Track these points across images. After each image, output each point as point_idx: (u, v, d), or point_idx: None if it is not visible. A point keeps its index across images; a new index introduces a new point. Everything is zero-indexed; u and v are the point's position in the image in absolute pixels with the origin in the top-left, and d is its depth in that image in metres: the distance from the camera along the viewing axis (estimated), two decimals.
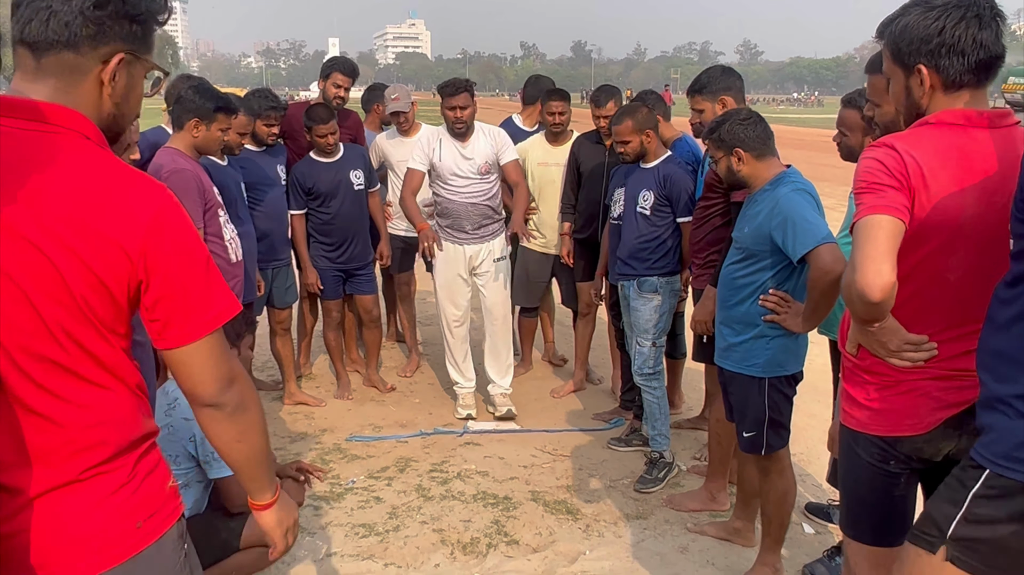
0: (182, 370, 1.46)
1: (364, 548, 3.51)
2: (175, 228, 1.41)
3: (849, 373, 2.19)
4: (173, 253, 1.40)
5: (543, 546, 3.56)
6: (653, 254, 4.10)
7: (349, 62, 5.47)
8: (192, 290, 1.42)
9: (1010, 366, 1.58)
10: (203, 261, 1.45)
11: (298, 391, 5.17)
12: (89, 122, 1.40)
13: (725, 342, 3.21)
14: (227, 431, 1.53)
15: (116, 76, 1.42)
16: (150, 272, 1.38)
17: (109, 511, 1.42)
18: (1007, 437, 1.57)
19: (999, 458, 1.57)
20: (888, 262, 1.80)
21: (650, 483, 4.08)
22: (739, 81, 3.83)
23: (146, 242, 1.37)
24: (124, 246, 1.35)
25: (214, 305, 1.46)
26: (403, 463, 4.35)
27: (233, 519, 2.88)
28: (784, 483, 3.20)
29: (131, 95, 1.48)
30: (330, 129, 4.84)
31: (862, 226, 1.85)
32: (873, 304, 1.80)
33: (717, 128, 3.18)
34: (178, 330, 1.43)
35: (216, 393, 1.48)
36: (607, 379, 5.54)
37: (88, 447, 1.39)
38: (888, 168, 1.87)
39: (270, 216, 4.71)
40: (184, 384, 1.48)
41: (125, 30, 1.41)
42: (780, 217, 2.93)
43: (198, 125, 3.58)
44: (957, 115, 1.90)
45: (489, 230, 4.87)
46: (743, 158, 3.10)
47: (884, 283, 1.78)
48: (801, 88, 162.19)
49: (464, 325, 5.02)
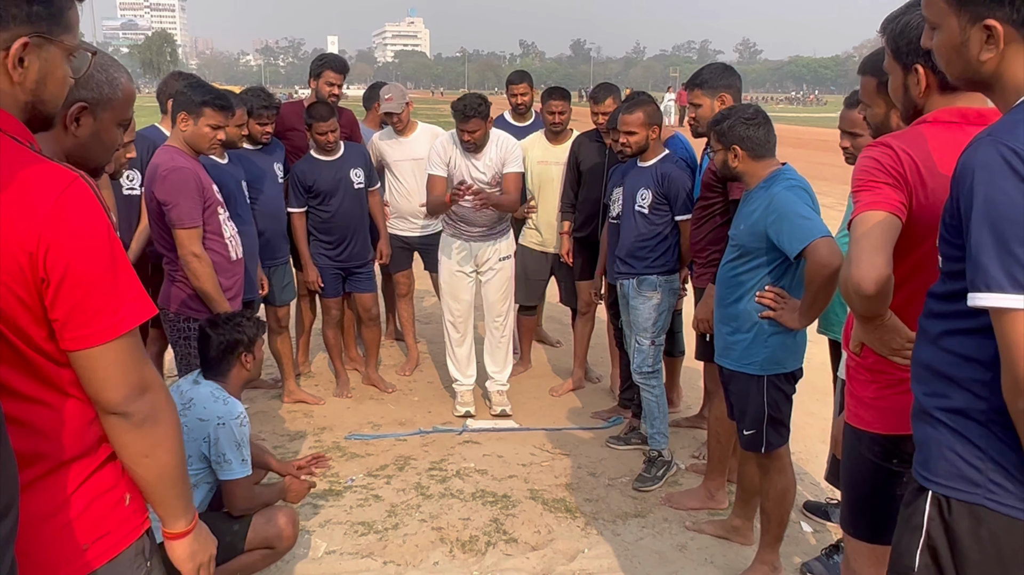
0: (85, 374, 1.35)
1: (363, 546, 3.52)
2: (77, 219, 1.30)
3: (853, 372, 2.20)
4: (74, 246, 1.29)
5: (542, 544, 3.57)
6: (652, 252, 4.11)
7: (338, 59, 5.46)
8: (97, 288, 1.32)
9: (940, 381, 1.57)
10: (108, 256, 1.34)
11: (297, 389, 5.17)
12: (2, 111, 1.32)
13: (724, 340, 3.22)
14: (133, 443, 1.42)
15: (25, 61, 1.31)
16: (49, 267, 1.28)
17: (52, 531, 1.35)
18: (941, 454, 1.55)
19: (939, 478, 1.55)
20: (883, 256, 1.81)
21: (649, 481, 4.09)
22: (739, 80, 3.86)
23: (44, 234, 1.27)
24: (23, 243, 1.26)
25: (123, 306, 1.35)
26: (402, 461, 4.36)
27: (237, 521, 2.89)
28: (784, 481, 3.21)
29: (50, 79, 1.37)
30: (330, 127, 4.84)
31: (858, 222, 1.87)
32: (868, 298, 1.81)
33: (721, 121, 3.19)
34: (80, 332, 1.32)
35: (122, 401, 1.38)
36: (606, 378, 5.55)
37: (22, 460, 1.28)
38: (885, 166, 1.89)
39: (267, 215, 4.70)
40: (88, 389, 1.37)
41: (23, 11, 1.29)
42: (775, 215, 2.94)
43: (186, 119, 3.56)
44: (954, 114, 1.91)
45: (497, 230, 4.88)
46: (739, 156, 3.12)
47: (879, 276, 1.79)
48: (800, 87, 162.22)
49: (467, 321, 5.03)
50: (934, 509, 1.56)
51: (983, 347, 1.46)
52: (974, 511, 1.50)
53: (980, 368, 1.50)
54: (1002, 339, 1.40)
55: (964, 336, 1.53)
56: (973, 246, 1.41)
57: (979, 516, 1.50)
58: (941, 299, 1.59)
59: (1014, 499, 1.47)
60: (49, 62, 1.36)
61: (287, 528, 2.94)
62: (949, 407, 1.55)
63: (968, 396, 1.52)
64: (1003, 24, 1.48)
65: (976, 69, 1.54)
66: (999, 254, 1.37)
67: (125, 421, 1.40)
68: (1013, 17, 1.47)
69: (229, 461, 2.79)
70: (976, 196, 1.41)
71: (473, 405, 5.02)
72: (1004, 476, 1.47)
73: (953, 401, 1.54)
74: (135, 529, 1.48)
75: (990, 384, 1.46)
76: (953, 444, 1.54)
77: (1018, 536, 1.47)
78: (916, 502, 1.60)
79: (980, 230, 1.40)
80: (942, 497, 1.54)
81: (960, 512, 1.52)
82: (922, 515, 1.58)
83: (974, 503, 1.50)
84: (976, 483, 1.50)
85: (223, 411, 2.82)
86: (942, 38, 1.60)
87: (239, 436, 2.82)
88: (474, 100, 4.56)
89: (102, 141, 1.68)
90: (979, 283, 1.40)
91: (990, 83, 1.54)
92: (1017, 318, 1.37)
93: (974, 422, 1.51)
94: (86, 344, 1.33)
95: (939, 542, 1.55)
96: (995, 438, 1.48)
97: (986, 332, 1.43)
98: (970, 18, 1.52)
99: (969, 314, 1.44)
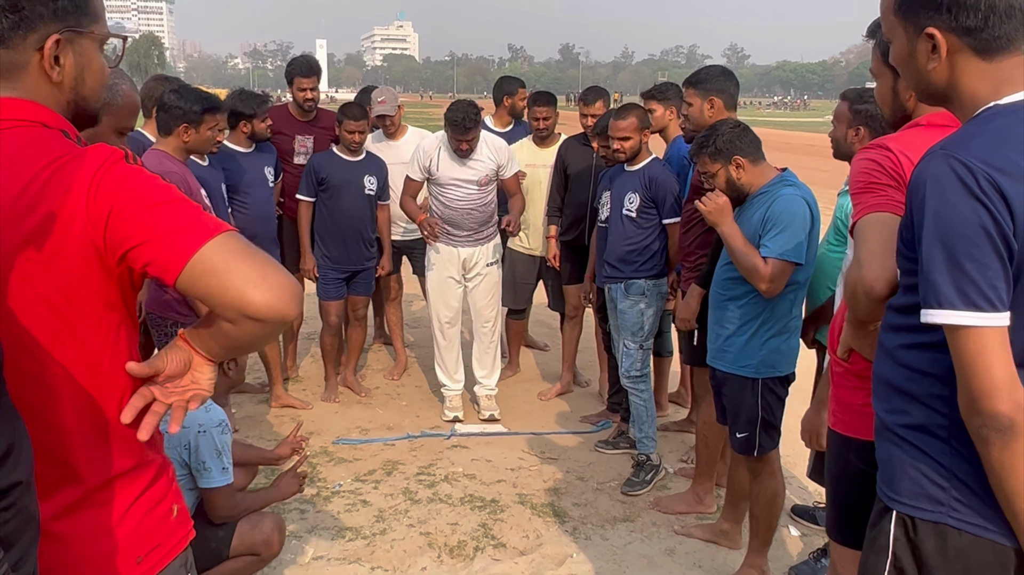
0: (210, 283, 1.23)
1: (350, 551, 3.50)
2: (120, 172, 1.26)
3: (840, 378, 2.20)
4: (124, 183, 1.25)
5: (530, 549, 3.56)
6: (640, 256, 4.11)
7: (305, 62, 5.35)
8: (166, 207, 1.26)
9: (899, 396, 1.56)
10: (164, 187, 1.30)
11: (285, 394, 5.15)
12: (46, 110, 1.30)
13: (718, 343, 3.23)
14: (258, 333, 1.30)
15: (60, 59, 1.30)
16: (100, 204, 1.23)
17: (109, 546, 1.34)
18: (904, 472, 1.54)
19: (903, 497, 1.54)
20: (893, 257, 1.80)
21: (637, 486, 4.09)
22: (734, 87, 3.79)
23: (92, 187, 1.23)
24: (77, 215, 1.22)
25: (205, 217, 1.29)
26: (390, 466, 4.34)
27: (222, 528, 2.86)
28: (774, 485, 3.22)
29: (87, 73, 1.35)
30: (360, 127, 4.94)
31: (863, 225, 1.85)
32: (879, 300, 1.79)
33: (711, 141, 3.16)
34: (169, 246, 1.23)
35: (260, 302, 1.24)
36: (594, 382, 5.54)
37: (81, 471, 1.30)
38: (884, 168, 1.88)
39: (256, 218, 4.68)
40: (223, 299, 1.24)
41: (50, 8, 1.27)
42: (773, 214, 2.99)
43: (187, 130, 3.58)
44: (946, 117, 1.91)
45: (484, 234, 4.88)
46: (743, 165, 3.11)
47: (890, 276, 1.77)
48: (787, 91, 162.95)
49: (456, 327, 5.02)
50: (899, 529, 1.54)
51: (939, 361, 1.45)
52: (939, 530, 1.49)
53: (938, 383, 1.48)
54: (955, 356, 1.40)
55: (921, 350, 1.51)
56: (924, 261, 1.41)
57: (944, 535, 1.48)
58: (898, 312, 1.58)
59: (978, 517, 1.45)
60: (84, 55, 1.34)
61: (273, 535, 2.92)
62: (910, 423, 1.53)
63: (928, 412, 1.51)
64: (944, 32, 1.47)
65: (928, 80, 1.54)
66: (949, 270, 1.37)
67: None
68: (952, 25, 1.46)
69: (209, 469, 2.77)
70: (927, 211, 1.40)
71: (461, 410, 5.01)
72: (967, 493, 1.46)
73: (913, 417, 1.53)
74: (181, 540, 1.47)
75: (949, 400, 1.44)
76: (916, 462, 1.52)
77: (985, 553, 1.46)
78: (881, 523, 1.58)
79: (931, 245, 1.39)
80: (907, 517, 1.53)
81: (925, 531, 1.50)
82: (887, 536, 1.55)
83: (939, 522, 1.49)
84: (940, 502, 1.48)
85: (204, 418, 2.80)
86: (895, 51, 1.60)
87: (220, 444, 2.80)
88: (471, 111, 4.56)
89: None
90: (931, 299, 1.40)
91: (947, 96, 1.53)
92: (968, 335, 1.37)
93: (935, 438, 1.50)
94: (186, 254, 1.22)
95: (906, 563, 1.53)
96: (957, 455, 1.47)
97: (942, 347, 1.42)
98: (915, 28, 1.52)
99: (925, 328, 1.43)
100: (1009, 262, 1.37)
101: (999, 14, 1.43)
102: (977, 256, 1.35)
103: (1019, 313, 1.39)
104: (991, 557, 1.46)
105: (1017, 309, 1.39)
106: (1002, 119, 1.43)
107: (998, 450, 1.37)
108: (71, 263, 1.25)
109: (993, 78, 1.47)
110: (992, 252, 1.35)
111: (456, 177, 4.66)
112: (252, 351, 1.48)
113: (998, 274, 1.36)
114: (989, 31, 1.44)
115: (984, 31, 1.44)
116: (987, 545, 1.46)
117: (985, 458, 1.40)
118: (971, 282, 1.36)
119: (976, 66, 1.47)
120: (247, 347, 1.39)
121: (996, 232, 1.35)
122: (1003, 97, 1.45)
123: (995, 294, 1.36)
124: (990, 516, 1.45)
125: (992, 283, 1.36)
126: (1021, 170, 1.36)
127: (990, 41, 1.45)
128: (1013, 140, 1.39)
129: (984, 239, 1.35)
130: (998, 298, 1.36)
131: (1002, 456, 1.37)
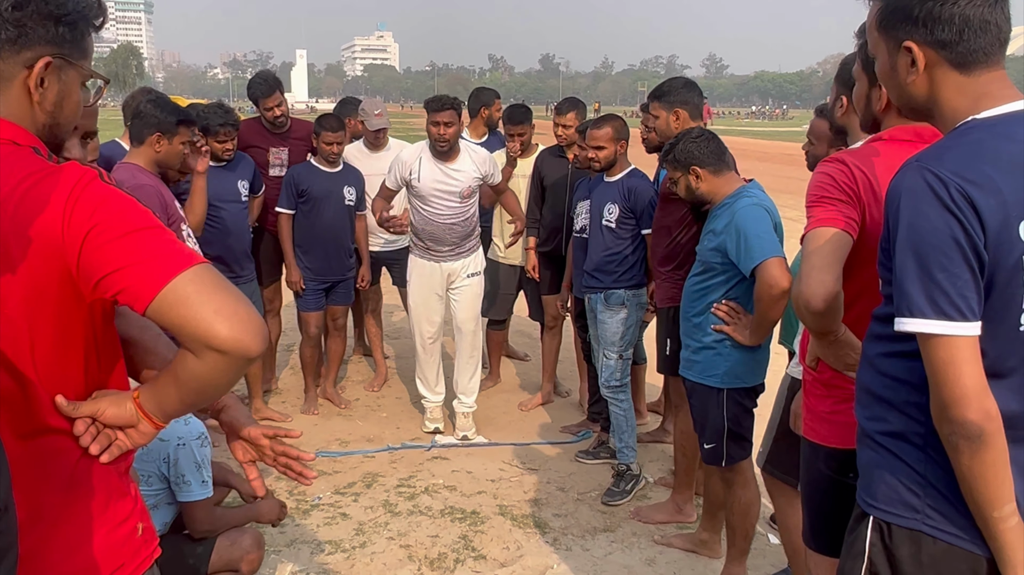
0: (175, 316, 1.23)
1: (330, 565, 3.48)
2: (95, 194, 1.25)
3: (810, 387, 2.22)
4: (99, 205, 1.24)
5: (511, 560, 3.55)
6: (619, 267, 4.13)
7: (263, 81, 5.14)
8: (141, 244, 1.24)
9: (878, 404, 1.58)
10: (139, 211, 1.27)
11: (264, 407, 5.11)
12: (20, 129, 1.31)
13: (688, 353, 3.25)
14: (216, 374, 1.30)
15: (45, 82, 1.32)
16: (76, 228, 1.23)
17: (77, 566, 1.33)
18: (881, 479, 1.56)
19: (879, 503, 1.56)
20: (831, 273, 1.82)
21: (617, 496, 4.09)
22: (698, 97, 3.84)
23: (67, 218, 1.23)
24: (48, 236, 1.22)
25: (180, 248, 1.27)
26: (370, 478, 4.32)
27: (200, 544, 2.84)
28: (748, 494, 3.23)
29: (66, 103, 1.37)
30: (337, 139, 4.96)
31: (809, 238, 1.90)
32: (818, 314, 1.83)
33: (672, 149, 3.24)
34: (138, 276, 1.22)
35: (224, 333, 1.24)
36: (575, 392, 5.55)
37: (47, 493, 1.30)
38: (838, 182, 1.92)
39: (230, 233, 4.62)
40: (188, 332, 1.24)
41: (50, 32, 1.30)
42: (734, 230, 3.01)
43: (160, 139, 3.53)
44: (908, 132, 1.94)
45: (466, 247, 4.82)
46: (700, 175, 3.16)
47: (827, 293, 1.81)
48: (766, 101, 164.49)
49: (438, 341, 4.99)
50: (876, 535, 1.56)
51: (915, 370, 1.47)
52: (914, 536, 1.51)
53: (915, 391, 1.50)
54: (926, 364, 1.42)
55: (898, 359, 1.54)
56: (898, 271, 1.43)
57: (919, 542, 1.50)
58: (879, 321, 1.60)
59: (951, 525, 1.48)
60: (67, 85, 1.36)
61: (252, 551, 2.89)
62: (888, 431, 1.56)
63: (905, 419, 1.53)
64: (921, 46, 1.50)
65: (909, 94, 1.56)
66: (921, 280, 1.40)
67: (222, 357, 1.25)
68: (929, 38, 1.49)
69: (188, 483, 2.74)
70: (901, 222, 1.43)
71: (442, 421, 4.99)
72: (942, 501, 1.48)
73: (891, 424, 1.55)
74: (146, 559, 1.45)
75: (925, 408, 1.47)
76: (893, 469, 1.54)
77: (958, 561, 1.48)
78: (859, 528, 1.61)
79: (904, 256, 1.42)
80: (883, 523, 1.55)
81: (900, 537, 1.52)
82: (864, 541, 1.58)
83: (913, 529, 1.51)
84: (915, 508, 1.51)
85: (184, 431, 2.77)
86: (879, 66, 1.63)
87: (199, 457, 2.77)
88: (449, 97, 4.63)
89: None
90: (903, 308, 1.43)
91: (929, 110, 1.56)
92: (939, 343, 1.39)
93: (911, 446, 1.52)
94: (159, 283, 1.21)
95: (881, 568, 1.55)
96: (932, 462, 1.49)
97: (918, 355, 1.45)
98: (894, 43, 1.55)
99: (902, 337, 1.45)
100: (980, 273, 1.39)
101: (973, 28, 1.46)
102: (948, 266, 1.38)
103: (989, 325, 1.41)
104: (963, 565, 1.48)
105: (988, 319, 1.41)
106: (978, 133, 1.46)
107: (968, 458, 1.40)
108: (43, 284, 1.24)
109: (972, 92, 1.49)
110: (963, 263, 1.38)
111: (437, 188, 4.60)
112: (209, 400, 1.47)
113: (968, 284, 1.38)
114: (964, 44, 1.47)
115: (960, 44, 1.47)
116: (960, 553, 1.48)
117: (956, 466, 1.42)
118: (942, 292, 1.38)
119: (954, 80, 1.50)
120: (206, 390, 1.33)
121: (967, 243, 1.38)
122: (981, 111, 1.48)
123: (965, 304, 1.38)
124: (963, 525, 1.47)
125: (962, 293, 1.38)
126: (994, 183, 1.39)
127: (966, 55, 1.48)
128: (987, 153, 1.42)
129: (955, 250, 1.38)
130: (968, 308, 1.38)
131: (972, 464, 1.40)
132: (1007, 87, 1.50)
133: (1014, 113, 1.47)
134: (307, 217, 5.01)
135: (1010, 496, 1.42)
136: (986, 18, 1.46)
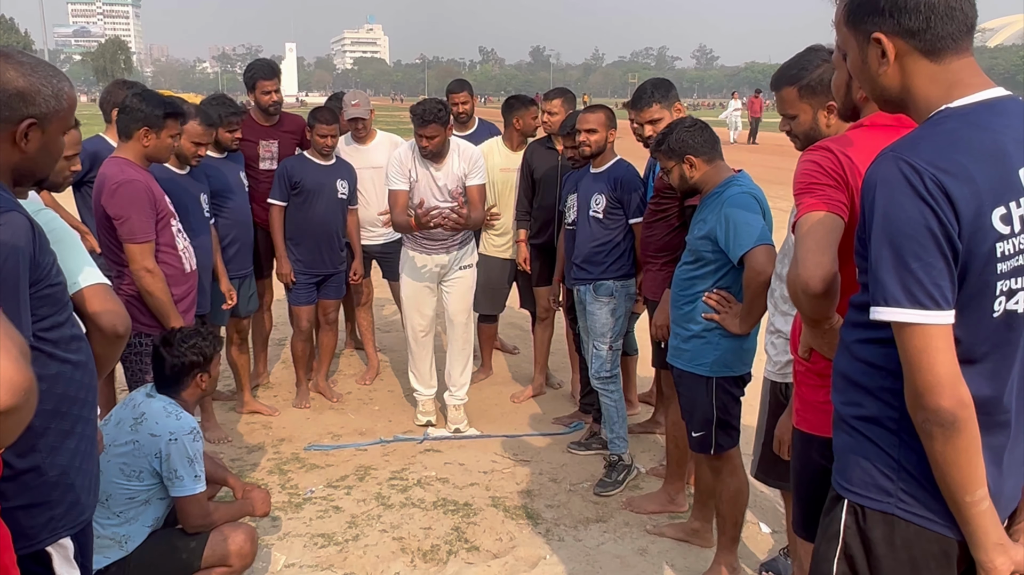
0: None
1: (323, 558, 3.49)
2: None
3: (802, 377, 2.23)
4: None
5: (503, 552, 3.57)
6: (607, 257, 4.13)
7: (266, 64, 5.30)
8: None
9: (854, 389, 1.60)
10: None
11: (252, 400, 5.11)
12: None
13: (677, 341, 3.27)
14: None
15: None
16: None
17: None
18: (856, 463, 1.58)
19: (854, 486, 1.58)
20: (827, 254, 1.83)
21: (609, 486, 4.11)
22: (673, 94, 3.96)
23: None
24: None
25: None
26: (362, 471, 4.33)
27: (193, 538, 2.84)
28: (736, 482, 3.25)
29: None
30: (331, 131, 4.94)
31: (801, 223, 1.90)
32: (816, 296, 1.83)
33: (665, 138, 3.25)
34: None
35: None
36: (567, 383, 5.56)
37: None
38: (825, 168, 1.92)
39: (237, 223, 4.66)
40: None
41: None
42: (723, 218, 3.02)
43: (148, 134, 3.50)
44: (889, 117, 1.95)
45: (459, 239, 4.81)
46: (695, 164, 3.18)
47: (825, 274, 1.81)
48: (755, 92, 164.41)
49: (429, 334, 5.00)
50: (850, 517, 1.58)
51: (891, 356, 1.49)
52: (887, 519, 1.53)
53: (890, 377, 1.52)
54: (901, 352, 1.44)
55: (874, 345, 1.55)
56: (873, 260, 1.45)
57: (892, 524, 1.53)
58: (856, 309, 1.61)
59: (924, 508, 1.50)
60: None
61: (245, 545, 2.90)
62: (862, 415, 1.58)
63: (880, 404, 1.55)
64: (890, 36, 1.51)
65: (882, 86, 1.57)
66: (896, 269, 1.41)
67: None
68: (897, 28, 1.50)
69: (181, 477, 2.75)
70: (876, 211, 1.44)
71: (435, 414, 5.00)
72: (915, 485, 1.51)
73: (866, 409, 1.57)
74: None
75: (900, 393, 1.49)
76: (867, 453, 1.56)
77: (930, 544, 1.50)
78: (834, 511, 1.63)
79: (879, 245, 1.43)
80: (857, 506, 1.57)
81: (874, 520, 1.55)
82: (839, 523, 1.60)
83: (887, 512, 1.53)
84: (888, 492, 1.53)
85: (175, 426, 2.77)
86: (851, 62, 1.63)
87: (192, 452, 2.77)
88: (433, 105, 4.51)
89: (49, 153, 1.76)
90: (878, 297, 1.44)
91: (903, 101, 1.56)
92: (914, 332, 1.41)
93: (886, 430, 1.54)
94: None
95: (855, 550, 1.57)
96: (906, 447, 1.51)
97: (894, 342, 1.46)
98: (863, 36, 1.55)
99: (878, 324, 1.47)
100: (954, 262, 1.40)
101: (939, 14, 1.47)
102: (922, 256, 1.39)
103: (963, 312, 1.43)
104: (935, 547, 1.51)
105: (962, 307, 1.43)
106: (952, 122, 1.46)
107: (941, 444, 1.42)
108: None
109: (943, 80, 1.50)
110: (937, 252, 1.39)
111: (430, 191, 4.60)
112: None
113: (942, 273, 1.40)
114: (932, 31, 1.48)
115: (927, 32, 1.48)
116: (932, 536, 1.50)
117: (929, 451, 1.45)
118: (916, 281, 1.39)
119: (925, 68, 1.51)
120: None
121: (941, 233, 1.39)
122: (954, 100, 1.49)
123: (939, 293, 1.40)
124: (936, 508, 1.49)
125: (936, 282, 1.39)
126: (967, 172, 1.40)
127: (935, 42, 1.48)
128: (961, 143, 1.43)
129: (929, 239, 1.39)
130: (942, 297, 1.40)
131: (944, 450, 1.42)
132: (977, 74, 1.51)
133: (986, 101, 1.48)
134: (299, 210, 5.00)
135: (981, 481, 1.44)
136: (951, 4, 1.47)
